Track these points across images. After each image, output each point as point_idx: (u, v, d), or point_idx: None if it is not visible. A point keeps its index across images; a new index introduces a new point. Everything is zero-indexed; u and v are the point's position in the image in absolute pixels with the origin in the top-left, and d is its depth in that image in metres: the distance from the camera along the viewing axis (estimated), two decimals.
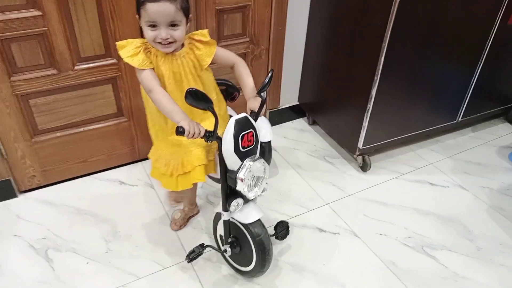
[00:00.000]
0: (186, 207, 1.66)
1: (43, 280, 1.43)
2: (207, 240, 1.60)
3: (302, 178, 1.95)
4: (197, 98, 1.06)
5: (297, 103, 2.31)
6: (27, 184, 1.79)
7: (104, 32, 1.58)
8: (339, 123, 2.05)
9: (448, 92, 2.00)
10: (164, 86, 1.22)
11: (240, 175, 1.17)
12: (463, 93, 2.05)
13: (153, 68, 1.20)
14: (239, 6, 1.79)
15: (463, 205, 1.85)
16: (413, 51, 1.70)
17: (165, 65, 1.20)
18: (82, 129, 1.77)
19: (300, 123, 2.35)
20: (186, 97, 1.05)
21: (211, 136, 1.14)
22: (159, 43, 1.17)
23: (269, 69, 1.27)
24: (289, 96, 2.26)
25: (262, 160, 1.20)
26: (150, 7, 1.10)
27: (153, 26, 1.14)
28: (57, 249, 1.55)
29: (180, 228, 1.64)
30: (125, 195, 1.81)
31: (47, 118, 1.67)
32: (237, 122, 1.14)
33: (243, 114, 1.17)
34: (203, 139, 1.14)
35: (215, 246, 1.48)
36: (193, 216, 1.69)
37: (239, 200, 1.27)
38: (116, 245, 1.57)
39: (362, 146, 1.91)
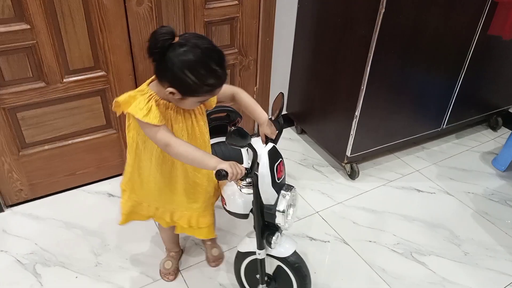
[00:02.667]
0: (172, 252, 1.54)
1: None
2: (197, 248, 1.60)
3: None
4: (240, 137, 0.99)
5: (285, 112, 2.34)
6: (14, 199, 1.76)
7: (93, 44, 1.58)
8: (327, 132, 2.07)
9: (433, 100, 2.05)
10: None
11: (280, 207, 1.11)
12: (447, 101, 2.10)
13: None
14: (227, 18, 1.81)
15: (449, 210, 1.89)
16: (398, 60, 1.75)
17: (177, 117, 1.11)
18: (70, 141, 1.75)
19: (289, 133, 2.37)
20: (228, 137, 0.99)
21: (250, 173, 1.06)
22: None
23: (279, 93, 1.22)
24: None
25: (294, 188, 1.16)
26: (217, 91, 1.06)
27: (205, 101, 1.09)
28: (45, 264, 1.52)
29: (176, 276, 1.51)
30: (114, 207, 1.79)
31: (35, 131, 1.66)
32: (270, 153, 1.08)
33: (270, 145, 1.12)
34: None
35: (238, 286, 1.43)
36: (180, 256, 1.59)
37: (278, 233, 1.20)
38: (106, 258, 1.56)
39: (350, 154, 1.94)
